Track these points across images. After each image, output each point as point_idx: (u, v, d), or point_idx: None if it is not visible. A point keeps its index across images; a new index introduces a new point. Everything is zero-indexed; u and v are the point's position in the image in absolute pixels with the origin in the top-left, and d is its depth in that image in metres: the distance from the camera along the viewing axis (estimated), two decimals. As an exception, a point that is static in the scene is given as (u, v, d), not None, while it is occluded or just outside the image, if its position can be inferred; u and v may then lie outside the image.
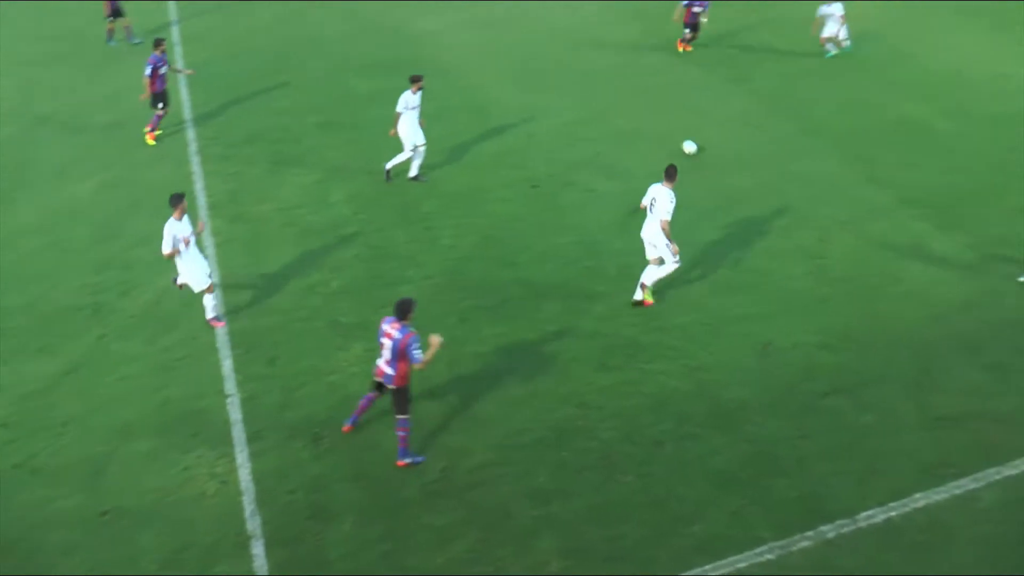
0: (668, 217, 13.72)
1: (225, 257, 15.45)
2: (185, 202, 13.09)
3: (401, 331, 10.70)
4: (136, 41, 26.21)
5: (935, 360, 13.18)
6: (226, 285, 14.63)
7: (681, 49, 25.53)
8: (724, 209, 17.30)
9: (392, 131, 17.62)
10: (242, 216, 16.77)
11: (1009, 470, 11.17)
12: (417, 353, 10.69)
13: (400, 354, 10.71)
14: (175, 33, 27.16)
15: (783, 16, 27.80)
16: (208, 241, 15.90)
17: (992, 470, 11.11)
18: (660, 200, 13.80)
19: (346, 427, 11.71)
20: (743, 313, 14.25)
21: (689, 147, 19.31)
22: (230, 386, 12.49)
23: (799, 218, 16.95)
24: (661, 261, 14.13)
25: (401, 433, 11.12)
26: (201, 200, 17.25)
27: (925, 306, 14.49)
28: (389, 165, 18.03)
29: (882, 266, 15.59)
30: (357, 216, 16.84)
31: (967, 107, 22.20)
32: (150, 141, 20.04)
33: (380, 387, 11.30)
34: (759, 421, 11.96)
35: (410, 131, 17.54)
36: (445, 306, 14.13)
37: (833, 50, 24.93)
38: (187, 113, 21.30)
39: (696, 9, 24.91)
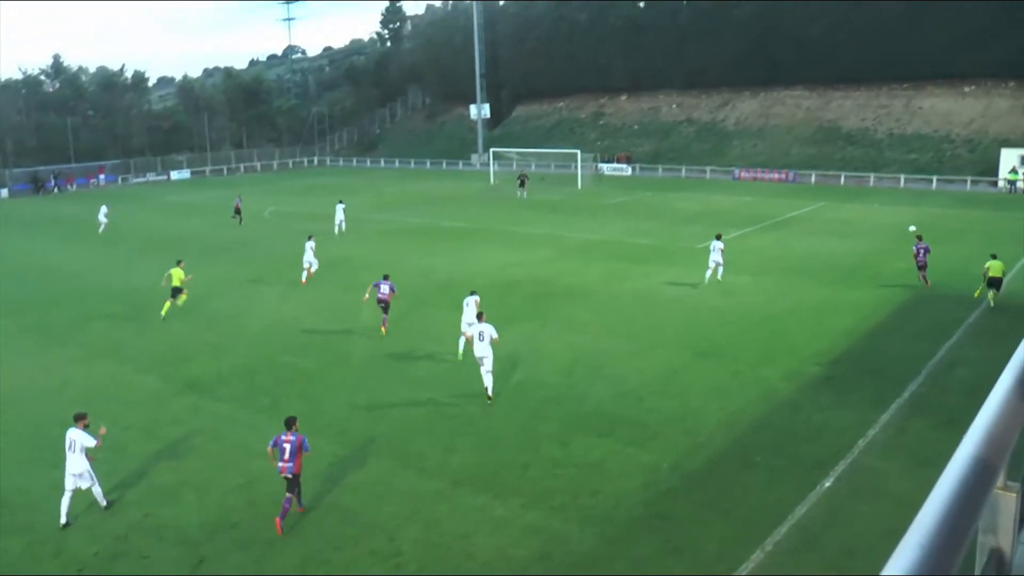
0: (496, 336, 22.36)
1: None
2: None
3: (295, 435, 16.30)
4: None
5: (527, 617, 13.45)
6: None
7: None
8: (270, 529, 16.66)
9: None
10: None
11: None
12: (308, 444, 16.62)
13: (297, 449, 16.19)
14: None
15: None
16: None
17: None
18: (487, 331, 22.29)
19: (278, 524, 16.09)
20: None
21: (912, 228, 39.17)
22: None
23: (365, 525, 16.84)
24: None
25: (287, 505, 16.24)
26: None
27: (501, 571, 14.95)
28: (102, 500, 17.86)
29: (453, 547, 15.91)
30: None
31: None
32: None
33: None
34: None
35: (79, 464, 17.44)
36: None
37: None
38: None
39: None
